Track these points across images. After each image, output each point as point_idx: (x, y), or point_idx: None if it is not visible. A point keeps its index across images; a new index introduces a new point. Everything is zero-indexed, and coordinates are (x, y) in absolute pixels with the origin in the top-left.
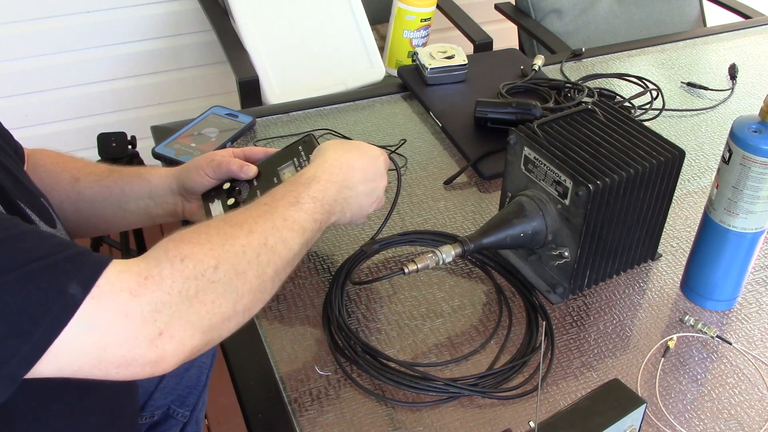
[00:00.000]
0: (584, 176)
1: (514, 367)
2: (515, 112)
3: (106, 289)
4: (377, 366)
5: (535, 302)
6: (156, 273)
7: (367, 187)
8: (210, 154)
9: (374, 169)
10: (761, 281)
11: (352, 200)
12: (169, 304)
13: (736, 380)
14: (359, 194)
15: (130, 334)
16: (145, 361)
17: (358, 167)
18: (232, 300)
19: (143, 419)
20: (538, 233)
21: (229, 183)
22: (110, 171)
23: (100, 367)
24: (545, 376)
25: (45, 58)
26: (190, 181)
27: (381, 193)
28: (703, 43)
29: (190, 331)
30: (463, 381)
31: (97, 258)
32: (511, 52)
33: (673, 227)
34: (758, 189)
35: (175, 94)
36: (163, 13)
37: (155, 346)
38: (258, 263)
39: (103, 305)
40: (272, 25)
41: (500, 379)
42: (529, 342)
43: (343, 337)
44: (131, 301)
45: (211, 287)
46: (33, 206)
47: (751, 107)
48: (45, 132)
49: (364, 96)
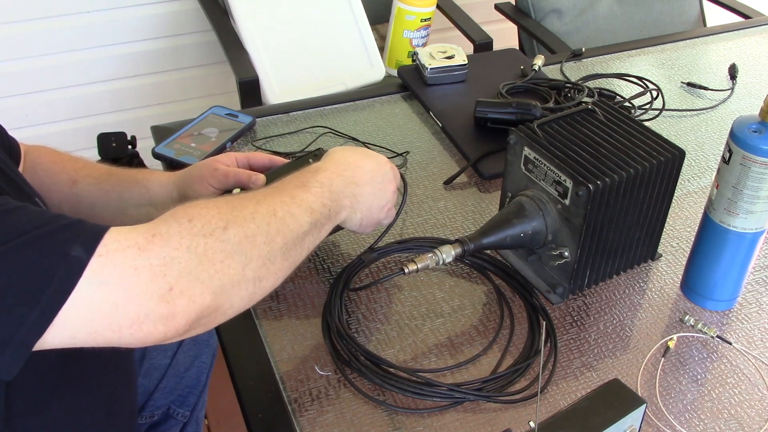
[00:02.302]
0: (584, 176)
1: (518, 371)
2: (515, 112)
3: (113, 247)
4: (380, 374)
5: (536, 304)
6: (164, 231)
7: (374, 188)
8: (212, 163)
9: (382, 172)
10: (761, 281)
11: (360, 198)
12: (177, 259)
13: (736, 380)
14: (367, 194)
15: (141, 289)
16: (157, 317)
17: (366, 168)
18: (241, 263)
19: (143, 419)
20: (538, 233)
21: (239, 189)
22: (108, 174)
23: (112, 327)
24: (549, 378)
25: (45, 58)
26: (192, 191)
27: (390, 198)
28: (703, 43)
29: (199, 288)
30: (467, 386)
31: (94, 225)
32: (511, 52)
33: (673, 227)
34: (758, 189)
35: (175, 94)
36: (163, 13)
37: (165, 301)
38: (267, 230)
39: (111, 261)
40: (272, 25)
41: (504, 383)
42: (532, 345)
43: (345, 345)
44: (139, 256)
45: (220, 246)
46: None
47: (751, 107)
48: (45, 132)
49: (364, 96)
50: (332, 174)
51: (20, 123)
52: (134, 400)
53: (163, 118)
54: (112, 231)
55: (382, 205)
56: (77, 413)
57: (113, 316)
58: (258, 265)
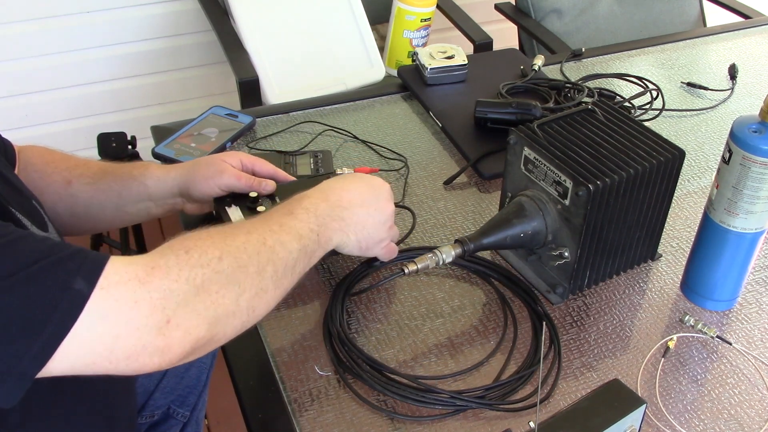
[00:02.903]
0: (584, 176)
1: (521, 378)
2: (515, 112)
3: (115, 279)
4: (382, 380)
5: (539, 310)
6: (162, 263)
7: (367, 209)
8: (220, 163)
9: (374, 193)
10: (761, 281)
11: (351, 220)
12: (177, 292)
13: (736, 380)
14: (359, 215)
15: (140, 322)
16: (153, 350)
17: (353, 189)
18: (235, 293)
19: (143, 419)
20: (538, 233)
21: (255, 194)
22: (103, 172)
23: (111, 359)
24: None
25: (45, 58)
26: (197, 191)
27: (388, 217)
28: (703, 43)
29: (196, 320)
30: (470, 393)
31: (96, 254)
32: (511, 52)
33: (673, 227)
34: (758, 189)
35: (175, 94)
36: (163, 13)
37: (162, 334)
38: (258, 260)
39: (112, 294)
40: (272, 25)
41: (507, 391)
42: (535, 352)
43: (346, 352)
44: (140, 288)
45: (216, 277)
46: (24, 209)
47: (751, 107)
48: (45, 132)
49: (364, 96)
50: (316, 200)
51: (20, 123)
52: (134, 402)
53: (163, 118)
54: (112, 261)
55: (381, 223)
56: (77, 417)
57: (112, 348)
58: (251, 295)
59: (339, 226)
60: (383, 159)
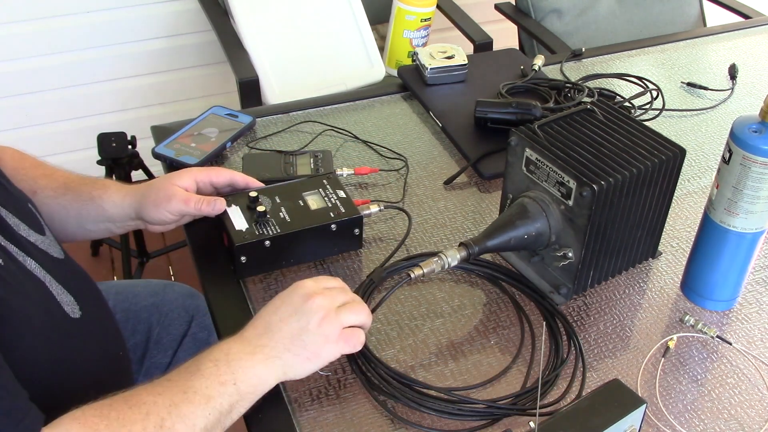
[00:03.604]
0: (588, 177)
1: (548, 383)
2: (515, 112)
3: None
4: (416, 397)
5: (552, 309)
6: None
7: (287, 319)
8: (170, 187)
9: (286, 299)
10: (761, 281)
11: (277, 341)
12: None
13: (736, 380)
14: (282, 330)
15: None
16: None
17: (265, 312)
18: None
19: None
20: (541, 234)
21: (256, 193)
22: (65, 189)
23: None
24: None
25: (45, 58)
26: (148, 217)
27: (317, 310)
28: (703, 43)
29: None
30: (503, 401)
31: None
32: (511, 52)
33: (673, 227)
34: (758, 189)
35: (175, 94)
36: (163, 13)
37: None
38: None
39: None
40: (272, 25)
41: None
42: (557, 351)
43: (372, 368)
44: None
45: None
46: (20, 212)
47: (751, 107)
48: (45, 132)
49: (364, 96)
50: (230, 342)
51: (20, 123)
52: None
53: (163, 118)
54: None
55: (314, 322)
56: None
57: None
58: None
59: (264, 356)
60: (383, 159)
